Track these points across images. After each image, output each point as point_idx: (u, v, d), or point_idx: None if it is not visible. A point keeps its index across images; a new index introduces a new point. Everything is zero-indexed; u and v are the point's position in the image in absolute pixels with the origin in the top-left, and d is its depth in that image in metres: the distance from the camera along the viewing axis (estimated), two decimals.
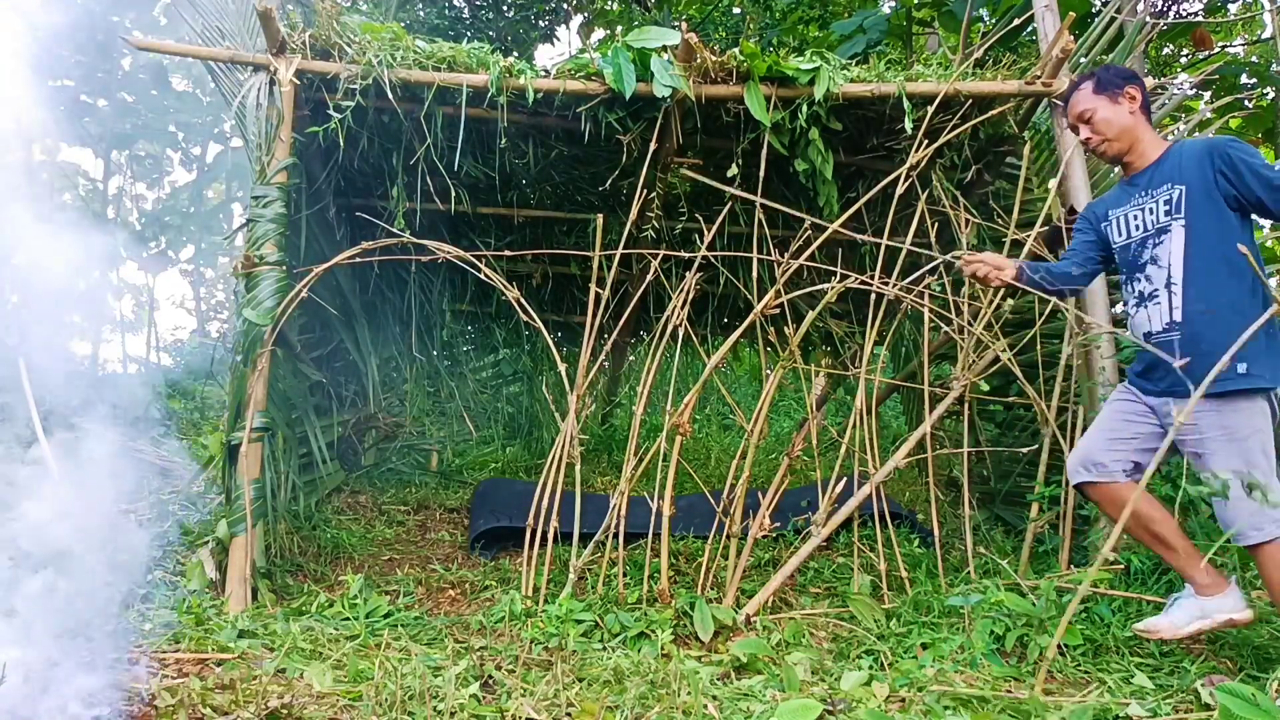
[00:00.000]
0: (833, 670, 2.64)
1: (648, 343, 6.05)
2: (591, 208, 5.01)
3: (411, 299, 5.61)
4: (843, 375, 4.36)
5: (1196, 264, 2.53)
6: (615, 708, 2.21)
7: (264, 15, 3.59)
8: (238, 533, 3.29)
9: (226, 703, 2.11)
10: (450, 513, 4.90)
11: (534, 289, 5.59)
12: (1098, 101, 2.71)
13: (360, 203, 4.95)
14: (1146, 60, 8.48)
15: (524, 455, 5.91)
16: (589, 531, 3.39)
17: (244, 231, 3.71)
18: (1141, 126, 2.70)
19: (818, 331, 5.63)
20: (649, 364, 3.48)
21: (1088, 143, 2.77)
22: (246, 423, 3.40)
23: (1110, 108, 2.70)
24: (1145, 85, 2.73)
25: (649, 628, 2.93)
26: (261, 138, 3.68)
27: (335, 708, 2.19)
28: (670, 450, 3.29)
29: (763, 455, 5.27)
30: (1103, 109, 2.70)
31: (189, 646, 2.57)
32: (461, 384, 6.06)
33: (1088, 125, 2.75)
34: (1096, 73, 2.76)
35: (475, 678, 2.42)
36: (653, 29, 3.92)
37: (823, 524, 3.37)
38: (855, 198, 4.03)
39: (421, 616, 3.17)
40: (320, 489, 4.55)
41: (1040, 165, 4.65)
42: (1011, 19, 5.66)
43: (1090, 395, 3.72)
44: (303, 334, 4.39)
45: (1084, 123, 2.76)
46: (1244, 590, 2.70)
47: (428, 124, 4.06)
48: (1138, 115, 2.69)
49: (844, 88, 3.95)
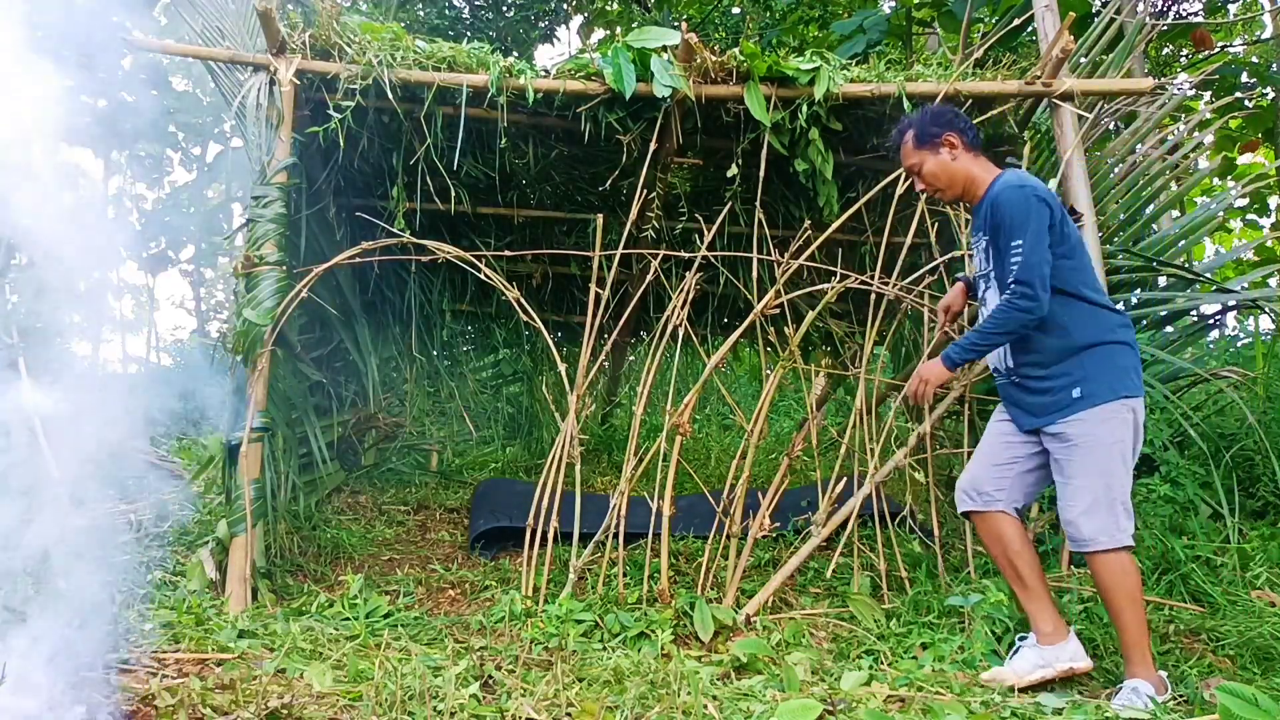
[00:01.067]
0: (833, 670, 2.64)
1: (648, 343, 6.05)
2: (591, 208, 5.01)
3: (411, 299, 5.60)
4: (843, 375, 4.36)
5: None
6: (615, 708, 2.21)
7: (264, 15, 3.59)
8: (238, 533, 3.29)
9: (226, 703, 2.11)
10: (450, 513, 4.90)
11: (534, 289, 5.59)
12: (921, 155, 2.75)
13: (360, 203, 4.94)
14: (1146, 60, 8.48)
15: (524, 455, 5.91)
16: (589, 531, 3.39)
17: (244, 231, 3.71)
18: (970, 166, 2.71)
19: (818, 331, 5.63)
20: (649, 364, 3.48)
21: (923, 193, 2.84)
22: (246, 423, 3.40)
23: (934, 159, 2.72)
24: (965, 120, 2.74)
25: (649, 628, 2.93)
26: (261, 138, 3.68)
27: (335, 708, 2.19)
28: (670, 450, 3.29)
29: (763, 455, 5.26)
30: (928, 162, 2.73)
31: (189, 646, 2.57)
32: (461, 384, 6.05)
33: (918, 178, 2.80)
34: (914, 124, 2.77)
35: (475, 678, 2.42)
36: (653, 29, 3.92)
37: (823, 524, 3.37)
38: (855, 198, 4.03)
39: (421, 616, 3.17)
40: (320, 489, 4.55)
41: (1040, 165, 4.65)
42: (1011, 19, 5.66)
43: None
44: (303, 334, 4.39)
45: (915, 175, 2.80)
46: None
47: (428, 124, 4.06)
48: (963, 157, 2.71)
49: (844, 88, 3.95)
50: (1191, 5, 9.44)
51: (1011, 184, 2.58)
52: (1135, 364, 2.57)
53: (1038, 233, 2.48)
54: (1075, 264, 2.58)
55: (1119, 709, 2.35)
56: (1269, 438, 3.79)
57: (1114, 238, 4.22)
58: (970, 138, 2.73)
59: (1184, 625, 3.03)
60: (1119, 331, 2.57)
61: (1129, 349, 2.58)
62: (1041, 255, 2.48)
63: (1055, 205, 2.58)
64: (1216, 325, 5.61)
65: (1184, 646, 2.91)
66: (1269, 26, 11.12)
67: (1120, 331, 2.58)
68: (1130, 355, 2.57)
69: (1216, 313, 4.32)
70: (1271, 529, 3.64)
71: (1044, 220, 2.50)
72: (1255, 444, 3.83)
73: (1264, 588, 3.16)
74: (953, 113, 2.76)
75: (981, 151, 2.75)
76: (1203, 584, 3.15)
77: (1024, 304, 2.48)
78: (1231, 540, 3.39)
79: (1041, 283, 2.46)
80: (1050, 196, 2.57)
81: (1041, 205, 2.52)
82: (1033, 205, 2.50)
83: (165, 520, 3.96)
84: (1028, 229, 2.47)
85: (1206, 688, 2.51)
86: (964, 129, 2.72)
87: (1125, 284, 4.19)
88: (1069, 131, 3.98)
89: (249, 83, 3.74)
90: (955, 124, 2.71)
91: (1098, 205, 4.12)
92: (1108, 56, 4.45)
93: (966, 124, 2.75)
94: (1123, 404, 2.51)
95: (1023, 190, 2.53)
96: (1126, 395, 2.51)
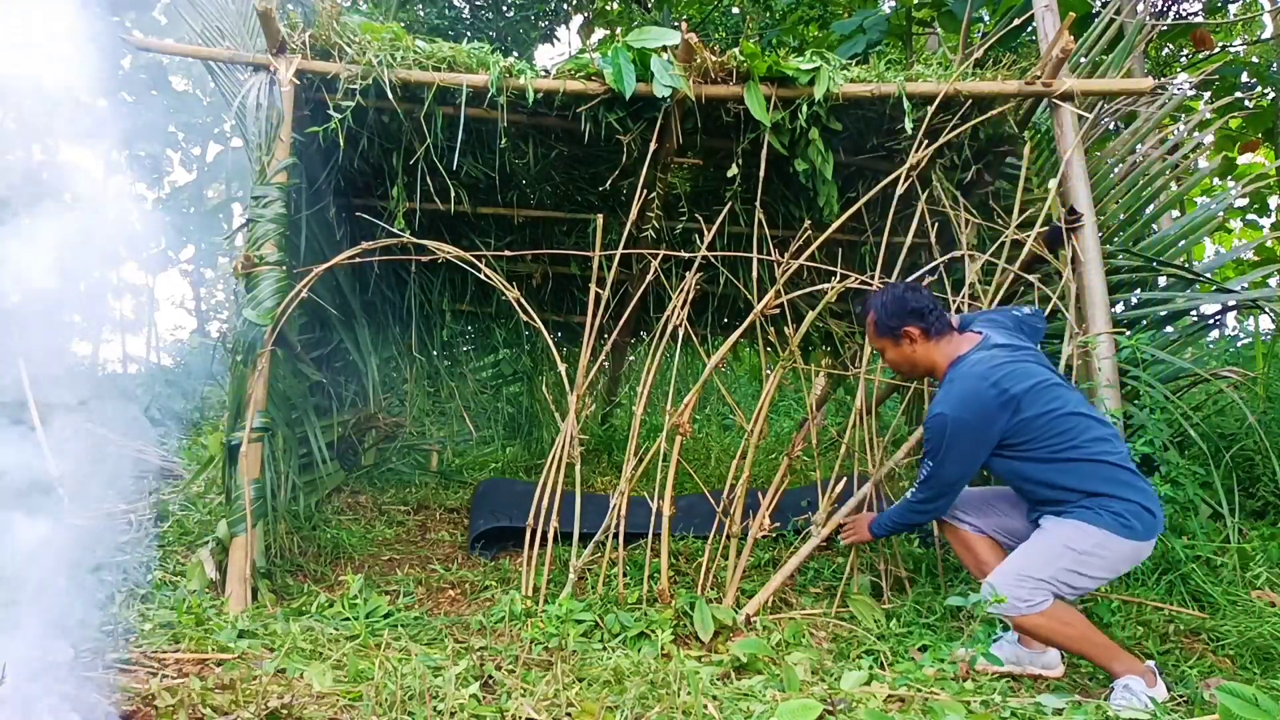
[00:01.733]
0: (833, 670, 2.64)
1: (648, 343, 6.05)
2: (591, 208, 5.01)
3: (411, 299, 5.60)
4: (843, 375, 4.36)
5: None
6: (615, 708, 2.21)
7: (264, 15, 3.59)
8: (238, 533, 3.29)
9: (226, 703, 2.11)
10: (450, 513, 4.90)
11: (534, 289, 5.59)
12: (884, 343, 2.88)
13: (360, 203, 4.94)
14: (1146, 60, 8.48)
15: (524, 455, 5.91)
16: (589, 531, 3.39)
17: (244, 231, 3.71)
18: (931, 353, 2.81)
19: (818, 331, 5.63)
20: (649, 364, 3.48)
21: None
22: (246, 423, 3.40)
23: (896, 350, 2.86)
24: (925, 305, 2.78)
25: (649, 628, 2.93)
26: (261, 138, 3.68)
27: (335, 708, 2.19)
28: (670, 450, 3.29)
29: (763, 455, 5.27)
30: (889, 351, 2.88)
31: (189, 646, 2.57)
32: (461, 384, 6.05)
33: (882, 357, 2.95)
34: (876, 310, 2.85)
35: (475, 678, 2.42)
36: (653, 29, 3.92)
37: (823, 524, 3.37)
38: (855, 198, 4.03)
39: (421, 616, 3.17)
40: (320, 489, 4.55)
41: (1040, 165, 4.65)
42: (1011, 19, 5.66)
43: (1089, 395, 3.72)
44: (303, 334, 4.39)
45: (881, 354, 2.95)
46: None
47: (428, 124, 4.06)
48: (922, 346, 2.81)
49: (844, 88, 3.95)
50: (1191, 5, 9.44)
51: (950, 398, 2.64)
52: (1132, 508, 2.54)
53: (954, 459, 2.64)
54: (1045, 435, 2.59)
55: (1118, 709, 2.35)
56: (1269, 438, 3.79)
57: (1114, 238, 4.22)
58: (930, 325, 2.79)
59: (1184, 625, 3.03)
60: (1110, 485, 2.55)
61: (1123, 494, 2.55)
62: (952, 474, 2.68)
63: (1001, 411, 2.59)
64: (1216, 325, 5.61)
65: (1184, 646, 2.91)
66: (1269, 26, 11.12)
67: (1111, 484, 2.55)
68: (1125, 498, 2.54)
69: (1216, 313, 4.31)
70: (1271, 529, 3.64)
71: (964, 445, 2.62)
72: (1255, 444, 3.84)
73: (1264, 588, 3.16)
74: (913, 302, 2.80)
75: (944, 331, 2.80)
76: (1203, 584, 3.15)
77: (922, 508, 2.80)
78: (1231, 540, 3.40)
79: (945, 491, 2.72)
80: (988, 407, 2.59)
81: (962, 429, 2.59)
82: (951, 436, 2.61)
83: (165, 520, 3.96)
84: (939, 457, 2.65)
85: (1206, 688, 2.51)
86: (924, 318, 2.78)
87: (1125, 284, 4.19)
88: (1069, 131, 3.98)
89: (249, 83, 3.74)
90: (913, 318, 2.79)
91: (1098, 205, 4.12)
92: (1108, 56, 4.45)
93: (927, 310, 2.79)
94: (1104, 534, 2.52)
95: (942, 419, 2.61)
96: (1111, 530, 2.52)
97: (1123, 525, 2.51)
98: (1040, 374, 2.66)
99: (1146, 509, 2.53)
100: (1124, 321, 4.07)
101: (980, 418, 2.60)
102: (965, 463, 2.67)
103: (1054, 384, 2.66)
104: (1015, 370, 2.63)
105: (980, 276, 3.76)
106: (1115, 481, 2.56)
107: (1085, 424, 2.61)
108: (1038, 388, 2.61)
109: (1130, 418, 3.69)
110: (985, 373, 2.63)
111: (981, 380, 2.62)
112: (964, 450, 2.64)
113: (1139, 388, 3.69)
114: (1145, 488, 2.59)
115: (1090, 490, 2.55)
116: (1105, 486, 2.55)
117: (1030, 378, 2.63)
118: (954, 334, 2.82)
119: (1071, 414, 2.60)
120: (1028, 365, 2.67)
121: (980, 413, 2.60)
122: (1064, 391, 2.66)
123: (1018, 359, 2.68)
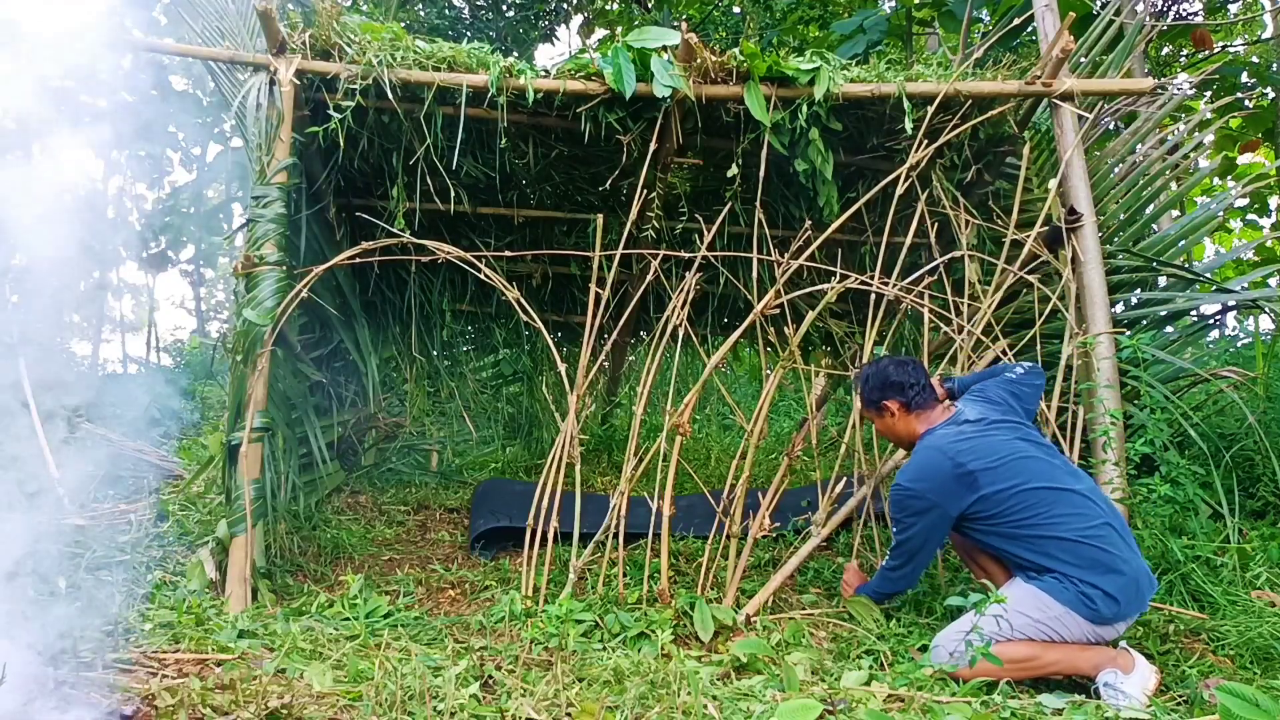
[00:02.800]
0: (833, 670, 2.64)
1: (648, 343, 6.05)
2: (591, 208, 5.01)
3: (411, 299, 5.60)
4: (843, 375, 4.36)
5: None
6: (615, 708, 2.21)
7: (264, 15, 3.59)
8: (238, 533, 3.29)
9: (226, 703, 2.11)
10: (450, 513, 4.90)
11: (534, 289, 5.59)
12: (870, 415, 3.03)
13: (360, 203, 4.94)
14: (1146, 60, 8.49)
15: (524, 455, 5.91)
16: (589, 531, 3.39)
17: (244, 231, 3.71)
18: (911, 424, 2.91)
19: (818, 331, 5.63)
20: (649, 364, 3.48)
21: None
22: (246, 423, 3.40)
23: (880, 421, 3.00)
24: (905, 385, 2.89)
25: (649, 628, 2.93)
26: (261, 138, 3.68)
27: (335, 708, 2.18)
28: (670, 450, 3.29)
29: (763, 455, 5.26)
30: (875, 422, 3.04)
31: (189, 646, 2.57)
32: (461, 384, 6.05)
33: (876, 429, 3.14)
34: (864, 385, 2.99)
35: (475, 678, 2.42)
36: (653, 29, 3.93)
37: (823, 524, 3.37)
38: (855, 198, 4.03)
39: (421, 616, 3.17)
40: (320, 489, 4.55)
41: (1040, 165, 4.65)
42: (1011, 19, 5.66)
43: (1089, 395, 3.72)
44: (303, 334, 4.39)
45: (872, 424, 3.13)
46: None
47: (428, 124, 4.06)
48: (902, 420, 2.92)
49: (844, 88, 3.95)
50: (1191, 5, 9.44)
51: (909, 469, 2.74)
52: (1095, 592, 2.48)
53: (917, 528, 2.72)
54: (1010, 511, 2.60)
55: (1118, 709, 2.35)
56: (1269, 438, 3.79)
57: (1114, 238, 4.22)
58: (910, 399, 2.89)
59: (1184, 625, 3.03)
60: (1074, 563, 2.52)
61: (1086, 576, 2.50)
62: (916, 543, 2.76)
63: (958, 484, 2.63)
64: (1216, 325, 5.60)
65: (1184, 646, 2.91)
66: (1269, 26, 11.12)
67: (1075, 563, 2.51)
68: (1087, 580, 2.49)
69: (1216, 313, 4.31)
70: (1271, 529, 3.64)
71: (923, 515, 2.69)
72: (1255, 444, 3.83)
73: (1264, 588, 3.16)
74: (895, 376, 2.91)
75: (925, 405, 2.89)
76: (1203, 584, 3.15)
77: (894, 575, 2.90)
78: (1231, 540, 3.39)
79: (912, 557, 2.81)
80: (944, 479, 2.64)
81: (917, 500, 2.68)
82: (909, 506, 2.71)
83: (165, 520, 3.96)
84: (902, 526, 2.76)
85: (1206, 688, 2.50)
86: (904, 392, 2.89)
87: (1125, 284, 4.19)
88: (1069, 131, 3.98)
89: (249, 83, 3.74)
90: (893, 391, 2.90)
91: (1098, 205, 4.12)
92: (1108, 56, 4.46)
93: (908, 385, 2.89)
94: (1064, 610, 2.50)
95: (900, 490, 2.71)
96: (1072, 607, 2.49)
97: (1086, 605, 2.49)
98: (1008, 448, 2.67)
99: (1110, 595, 2.48)
100: (1124, 321, 4.07)
101: (935, 489, 2.66)
102: (928, 532, 2.73)
103: (1023, 457, 2.65)
104: (977, 445, 2.67)
105: (980, 276, 3.76)
106: (1080, 560, 2.51)
107: (1054, 497, 2.58)
108: (1001, 463, 2.63)
109: (1130, 418, 3.69)
110: (945, 446, 2.70)
111: (940, 454, 2.70)
112: (925, 520, 2.70)
113: (1139, 388, 3.69)
114: (1117, 564, 2.50)
115: (1051, 568, 2.54)
116: (1068, 565, 2.52)
117: (993, 453, 2.65)
118: (935, 406, 2.91)
119: (1040, 489, 2.59)
120: (994, 440, 2.69)
121: (935, 484, 2.66)
122: (1035, 464, 2.64)
123: (984, 433, 2.71)
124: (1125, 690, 2.42)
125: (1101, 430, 3.56)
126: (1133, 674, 2.46)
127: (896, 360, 3.00)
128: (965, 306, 3.66)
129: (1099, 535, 2.54)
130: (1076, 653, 2.53)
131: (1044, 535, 2.56)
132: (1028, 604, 2.54)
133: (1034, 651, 2.52)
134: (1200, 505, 3.48)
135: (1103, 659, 2.52)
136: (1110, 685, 2.46)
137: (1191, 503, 3.43)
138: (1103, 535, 2.54)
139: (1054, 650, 2.53)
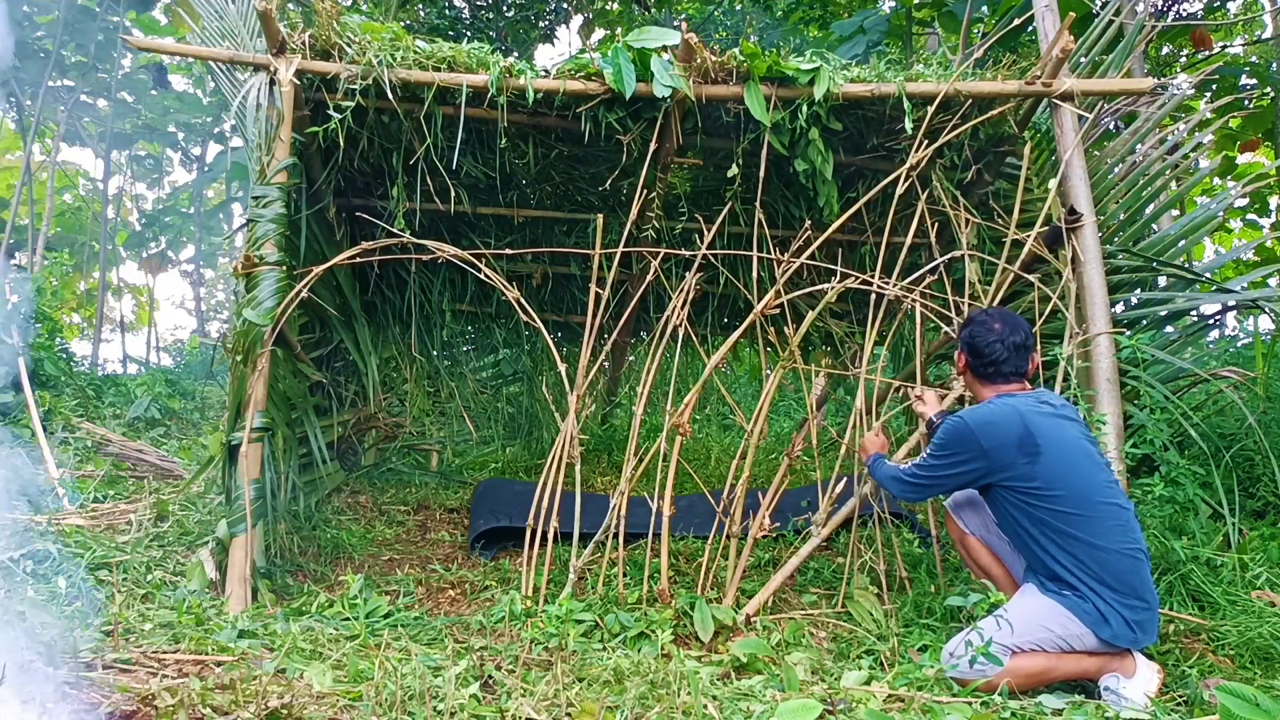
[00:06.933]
0: (833, 670, 2.64)
1: (648, 343, 6.05)
2: (591, 208, 5.01)
3: (411, 299, 5.60)
4: (843, 375, 4.36)
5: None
6: (615, 708, 2.20)
7: (264, 15, 3.59)
8: (238, 533, 3.29)
9: (226, 703, 2.11)
10: (450, 513, 4.90)
11: (534, 289, 5.59)
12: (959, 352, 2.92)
13: (360, 203, 4.94)
14: (1146, 60, 8.48)
15: (524, 455, 5.90)
16: (589, 531, 3.39)
17: (244, 231, 3.71)
18: (977, 387, 2.84)
19: (818, 331, 5.63)
20: (649, 364, 3.48)
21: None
22: (246, 423, 3.40)
23: (959, 360, 2.88)
24: (981, 350, 2.76)
25: (649, 628, 2.93)
26: (261, 138, 3.68)
27: (335, 708, 2.18)
28: (670, 450, 3.29)
29: (763, 455, 5.26)
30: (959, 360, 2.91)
31: (189, 646, 2.57)
32: (461, 384, 6.05)
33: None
34: (961, 327, 2.91)
35: (475, 678, 2.42)
36: (653, 29, 3.93)
37: (823, 524, 3.37)
38: (855, 198, 4.03)
39: (421, 616, 3.17)
40: (320, 489, 4.55)
41: (1040, 165, 4.65)
42: (1011, 19, 5.66)
43: (1088, 395, 3.72)
44: (303, 334, 4.39)
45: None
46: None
47: (428, 124, 4.06)
48: (966, 373, 2.85)
49: (844, 88, 3.95)
50: (1191, 5, 9.44)
51: (976, 411, 2.69)
52: (1116, 617, 2.45)
53: (952, 461, 2.66)
54: (1056, 489, 2.53)
55: (1119, 710, 2.35)
56: (1269, 438, 3.78)
57: (1114, 238, 4.21)
58: (980, 366, 2.77)
59: (1184, 625, 3.03)
60: (1107, 576, 2.47)
61: (1111, 598, 2.47)
62: (941, 472, 2.70)
63: (1019, 443, 2.56)
64: (1216, 325, 5.61)
65: (1184, 646, 2.91)
66: (1269, 26, 11.12)
67: (1106, 584, 2.46)
68: (1110, 603, 2.46)
69: (1216, 313, 4.31)
70: (1271, 529, 3.64)
71: (966, 452, 2.62)
72: (1255, 444, 3.83)
73: (1264, 588, 3.16)
74: (978, 344, 2.76)
75: (996, 380, 2.76)
76: (1203, 584, 3.15)
77: (904, 483, 2.82)
78: (1231, 540, 3.39)
79: (930, 484, 2.76)
80: (1007, 431, 2.58)
81: (971, 436, 2.61)
82: (960, 439, 2.64)
83: (165, 520, 3.96)
84: (939, 453, 2.69)
85: (1206, 688, 2.50)
86: (978, 356, 2.76)
87: (1125, 284, 4.19)
88: (1069, 131, 3.98)
89: (249, 83, 3.74)
90: (969, 350, 2.80)
91: (1098, 205, 4.12)
92: (1108, 56, 4.46)
93: (986, 358, 2.74)
94: (1084, 629, 2.46)
95: (959, 422, 2.65)
96: (1091, 626, 2.46)
97: (1102, 622, 2.45)
98: (1078, 446, 2.60)
99: (1129, 623, 2.45)
100: (1124, 321, 4.07)
101: (995, 442, 2.57)
102: (960, 478, 2.67)
103: (1087, 458, 2.59)
104: (1051, 423, 2.59)
105: (980, 276, 3.76)
106: (1110, 576, 2.47)
107: (1104, 508, 2.52)
108: (1067, 452, 2.56)
109: (1130, 418, 3.69)
110: (1023, 410, 2.61)
111: (1016, 412, 2.61)
112: (965, 467, 2.62)
113: (1139, 388, 3.69)
114: (1144, 593, 2.49)
115: (1070, 581, 2.49)
116: (1094, 579, 2.47)
117: (1064, 440, 2.58)
118: (1009, 384, 2.76)
119: (1092, 494, 2.53)
120: (1068, 431, 2.61)
121: (998, 438, 2.57)
122: (1096, 472, 2.58)
123: (1061, 421, 2.63)
124: (1127, 696, 2.42)
125: (1097, 417, 3.54)
126: (1135, 678, 2.45)
127: (1004, 326, 2.78)
128: (965, 306, 3.66)
129: (1135, 558, 2.50)
130: (1085, 659, 2.52)
131: (1080, 538, 2.49)
132: (1050, 618, 2.49)
133: (1050, 664, 2.49)
134: (1200, 505, 3.48)
135: (1107, 662, 2.51)
136: (1111, 690, 2.45)
137: (1191, 503, 3.43)
138: (1139, 560, 2.51)
139: (1067, 661, 2.51)
